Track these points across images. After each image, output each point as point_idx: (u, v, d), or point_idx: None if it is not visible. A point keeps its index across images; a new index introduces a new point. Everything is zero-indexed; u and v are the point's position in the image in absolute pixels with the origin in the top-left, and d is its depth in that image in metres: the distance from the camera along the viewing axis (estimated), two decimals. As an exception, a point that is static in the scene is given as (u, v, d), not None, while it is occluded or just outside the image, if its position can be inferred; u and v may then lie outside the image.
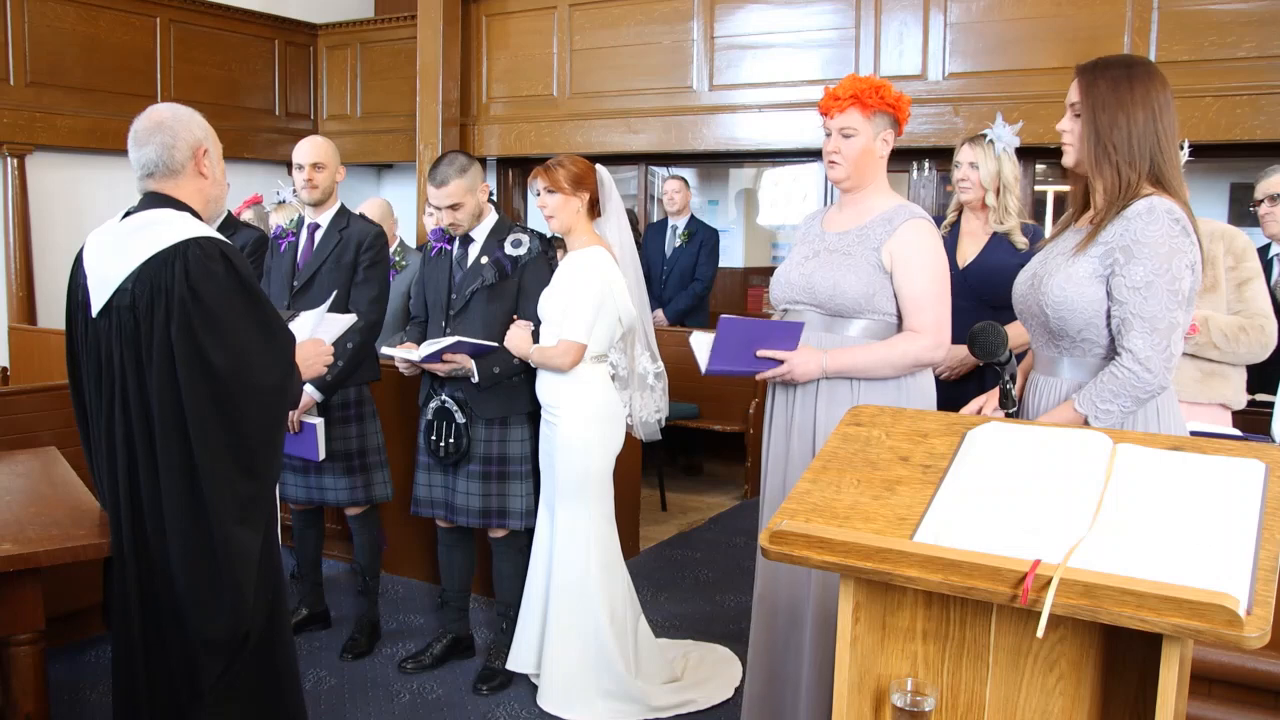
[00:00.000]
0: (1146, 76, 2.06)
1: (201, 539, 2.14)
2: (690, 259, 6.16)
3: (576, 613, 3.10)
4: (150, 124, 2.28)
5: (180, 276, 2.11)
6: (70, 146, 6.74)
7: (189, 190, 2.30)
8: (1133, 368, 2.01)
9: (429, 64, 7.25)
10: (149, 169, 2.28)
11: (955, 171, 3.35)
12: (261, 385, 2.19)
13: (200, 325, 2.10)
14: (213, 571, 2.15)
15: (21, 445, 3.24)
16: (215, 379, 2.11)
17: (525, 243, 3.28)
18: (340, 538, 4.31)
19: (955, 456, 1.61)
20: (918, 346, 2.44)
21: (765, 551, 1.51)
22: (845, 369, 2.45)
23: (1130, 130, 2.04)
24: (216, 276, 2.14)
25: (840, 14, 6.17)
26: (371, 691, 3.33)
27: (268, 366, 2.21)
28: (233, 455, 2.15)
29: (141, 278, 2.14)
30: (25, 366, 5.71)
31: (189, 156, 2.29)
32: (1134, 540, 1.35)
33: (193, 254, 2.13)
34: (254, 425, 2.18)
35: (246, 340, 2.17)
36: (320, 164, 3.46)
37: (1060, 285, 2.09)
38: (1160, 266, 1.98)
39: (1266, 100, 5.04)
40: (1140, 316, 2.00)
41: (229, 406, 2.14)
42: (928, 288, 2.44)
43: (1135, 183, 2.04)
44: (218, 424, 2.13)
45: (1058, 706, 1.46)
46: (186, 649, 2.19)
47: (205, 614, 2.16)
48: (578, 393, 3.08)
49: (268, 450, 2.24)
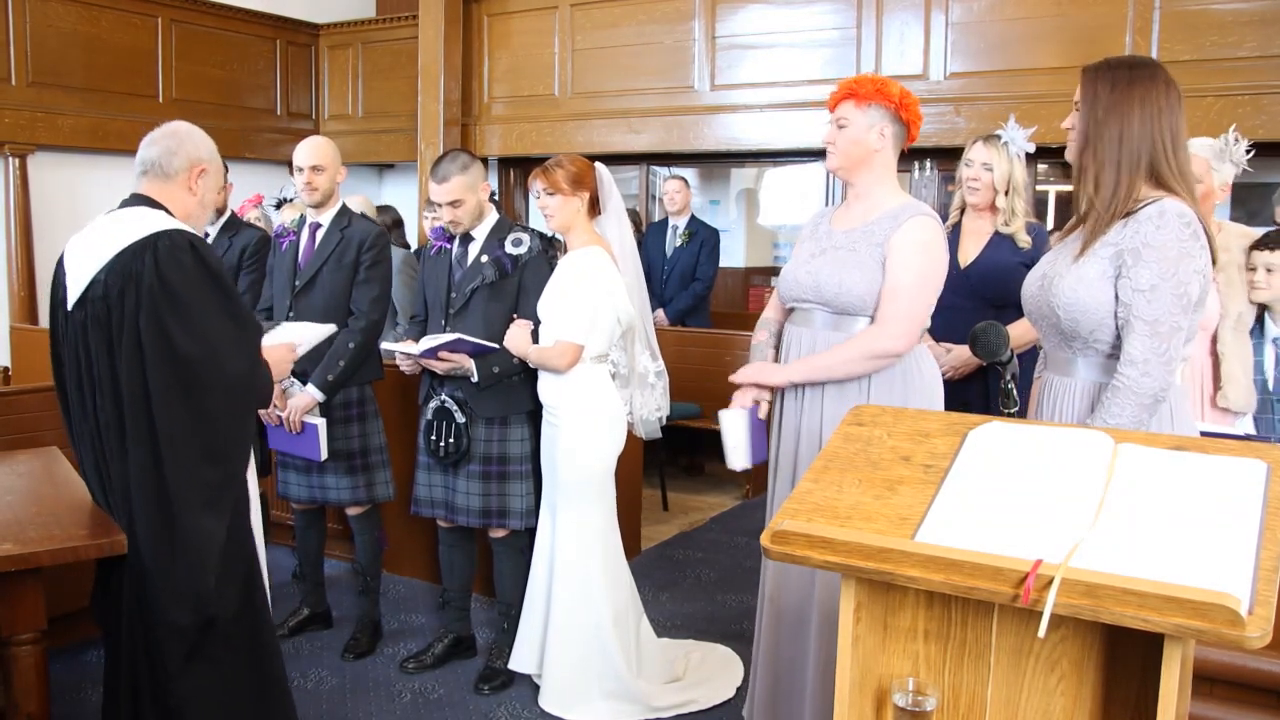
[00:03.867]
0: (1149, 78, 2.05)
1: (164, 523, 2.20)
2: (691, 259, 6.15)
3: (578, 613, 3.10)
4: (166, 130, 2.40)
5: (150, 266, 2.18)
6: (71, 146, 6.74)
7: (174, 199, 2.36)
8: (1129, 373, 2.00)
9: (430, 64, 7.26)
10: (145, 167, 2.36)
11: (965, 170, 3.31)
12: (228, 372, 2.24)
13: (167, 312, 2.17)
14: (173, 555, 2.21)
15: (22, 445, 3.23)
16: (181, 364, 2.17)
17: (526, 242, 3.28)
18: (342, 537, 4.31)
19: (957, 456, 1.60)
20: (873, 337, 2.43)
21: (767, 551, 1.51)
22: (803, 374, 2.50)
23: (1124, 132, 2.03)
24: (185, 266, 2.20)
25: (841, 14, 6.17)
26: (373, 691, 3.33)
27: (235, 355, 2.26)
28: (198, 440, 2.20)
29: (115, 268, 2.20)
30: (26, 366, 5.71)
31: (185, 167, 2.37)
32: (1135, 540, 1.35)
33: (162, 244, 2.20)
34: (220, 411, 2.24)
35: (214, 328, 2.22)
36: (320, 166, 3.46)
37: (1071, 287, 2.08)
38: (1167, 270, 1.98)
39: (1268, 100, 5.04)
40: (1143, 319, 2.00)
41: (195, 391, 2.19)
42: (906, 279, 2.42)
43: (1129, 185, 2.04)
44: (182, 408, 2.18)
45: (1059, 706, 1.45)
46: (154, 632, 2.24)
47: (168, 597, 2.21)
48: (578, 393, 3.08)
49: (234, 438, 2.30)
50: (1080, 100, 2.10)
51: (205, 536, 2.22)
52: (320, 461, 3.40)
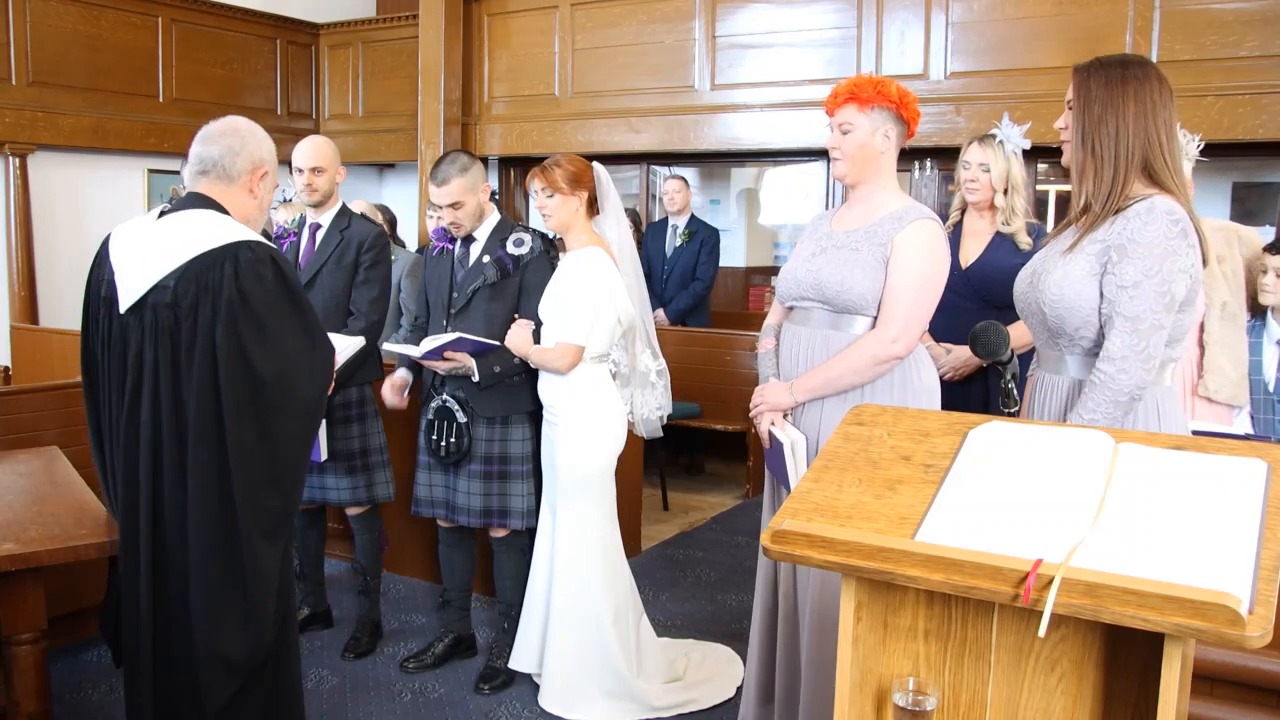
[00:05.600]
0: (1141, 75, 2.05)
1: (227, 550, 2.08)
2: (691, 258, 6.16)
3: (578, 613, 3.10)
4: (226, 126, 2.27)
5: (230, 277, 2.06)
6: (72, 146, 6.75)
7: (235, 202, 2.25)
8: (1106, 369, 2.00)
9: (430, 63, 7.26)
10: (205, 166, 2.24)
11: (963, 172, 3.31)
12: (302, 396, 2.14)
13: (246, 329, 2.05)
14: (237, 586, 2.08)
15: (23, 445, 3.24)
16: (257, 384, 2.06)
17: (528, 242, 3.28)
18: (342, 537, 4.32)
19: (957, 456, 1.60)
20: (874, 342, 2.43)
21: (767, 551, 1.50)
22: (812, 390, 2.48)
23: (1119, 128, 2.03)
24: (266, 281, 2.09)
25: (842, 13, 6.17)
26: (373, 691, 3.33)
27: (310, 377, 2.16)
28: (265, 466, 2.09)
29: (187, 275, 2.08)
30: (27, 366, 5.72)
31: (248, 169, 2.27)
32: (1136, 540, 1.35)
33: (244, 256, 2.09)
34: (289, 436, 2.13)
35: (291, 349, 2.12)
36: (319, 168, 3.46)
37: (1057, 283, 2.08)
38: (1152, 267, 1.97)
39: (1269, 99, 5.03)
40: (1124, 315, 1.99)
41: (268, 414, 2.08)
42: (908, 282, 2.42)
43: (1124, 181, 2.03)
44: (255, 432, 2.07)
45: (1059, 706, 1.45)
46: (195, 665, 2.11)
47: (226, 631, 2.09)
48: (579, 393, 3.08)
49: (296, 464, 2.18)
50: (1074, 98, 2.10)
51: (268, 566, 2.10)
52: (320, 462, 3.40)
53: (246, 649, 2.11)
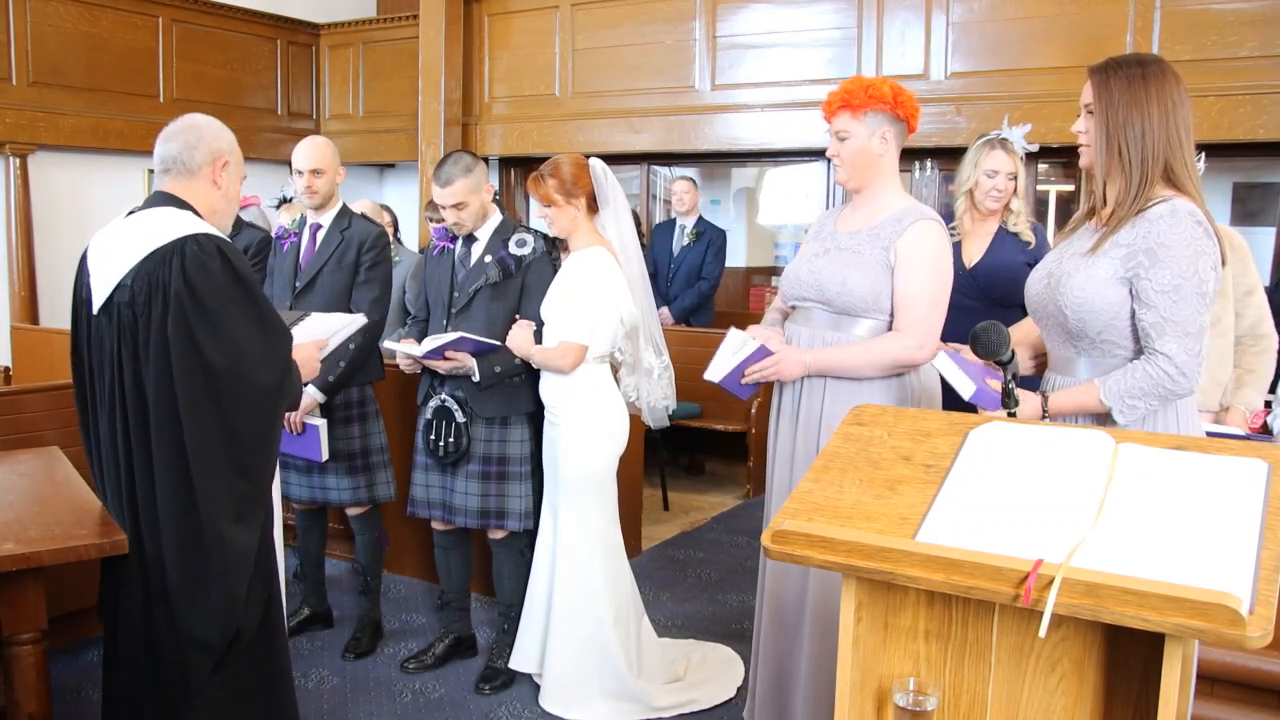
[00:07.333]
0: (1160, 74, 2.04)
1: (194, 536, 2.15)
2: (697, 258, 6.21)
3: (579, 613, 3.10)
4: (183, 124, 2.32)
5: (177, 272, 2.12)
6: (73, 146, 6.74)
7: (199, 194, 2.30)
8: (1169, 370, 2.00)
9: (431, 63, 7.26)
10: (166, 164, 2.30)
11: (986, 181, 3.27)
12: (257, 384, 2.19)
13: (195, 321, 2.11)
14: (204, 569, 2.16)
15: (24, 445, 3.24)
16: (210, 374, 2.12)
17: (530, 242, 3.28)
18: (342, 537, 4.32)
19: (957, 456, 1.60)
20: (899, 345, 2.44)
21: (768, 551, 1.51)
22: (827, 367, 2.48)
23: (1144, 129, 2.02)
24: (213, 273, 2.14)
25: (842, 13, 6.17)
26: (374, 691, 3.33)
27: (264, 365, 2.21)
28: (226, 452, 2.15)
29: (140, 274, 2.14)
30: (28, 366, 5.71)
31: (207, 161, 2.31)
32: (1136, 540, 1.35)
33: (190, 250, 2.14)
34: (248, 423, 2.18)
35: (243, 337, 2.17)
36: (319, 169, 3.45)
37: (1080, 286, 2.07)
38: (1187, 269, 1.98)
39: (1269, 100, 5.03)
40: (1173, 321, 1.99)
41: (224, 402, 2.14)
42: (921, 288, 2.43)
43: (1150, 183, 2.03)
44: (212, 420, 2.13)
45: (1060, 706, 1.45)
46: (179, 646, 2.19)
47: (196, 612, 2.17)
48: (580, 393, 3.08)
49: (261, 449, 2.24)
50: (1094, 102, 2.08)
51: (238, 549, 2.17)
52: (321, 462, 3.40)
53: (220, 630, 2.18)
